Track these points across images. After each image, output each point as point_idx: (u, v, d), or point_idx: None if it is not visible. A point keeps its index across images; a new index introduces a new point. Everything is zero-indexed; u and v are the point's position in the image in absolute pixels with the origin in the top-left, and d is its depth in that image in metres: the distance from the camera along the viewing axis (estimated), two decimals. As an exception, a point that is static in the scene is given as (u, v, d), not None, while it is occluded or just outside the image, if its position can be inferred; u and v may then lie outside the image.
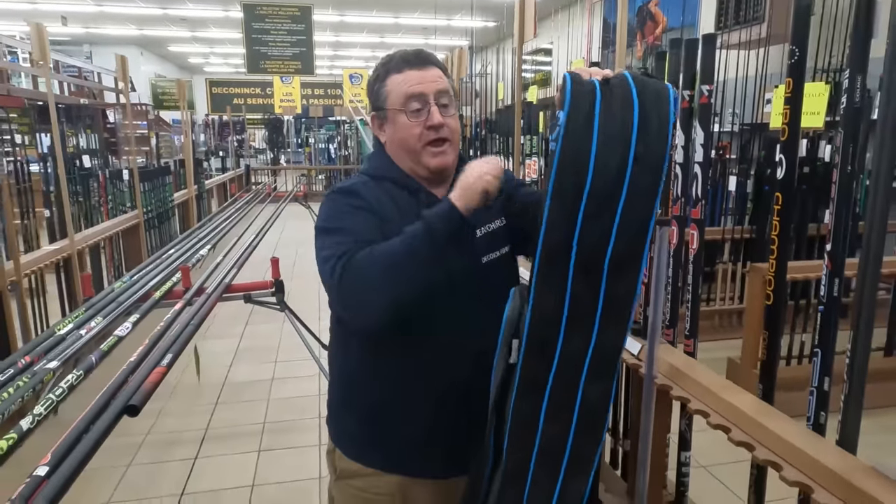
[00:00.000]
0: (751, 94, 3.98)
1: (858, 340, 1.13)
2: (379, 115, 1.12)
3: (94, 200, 4.24)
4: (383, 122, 1.12)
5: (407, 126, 1.07)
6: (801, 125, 1.33)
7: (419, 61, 1.09)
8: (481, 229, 1.11)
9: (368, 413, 1.13)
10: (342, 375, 1.18)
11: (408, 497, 1.13)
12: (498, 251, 1.14)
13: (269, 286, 2.63)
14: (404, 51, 1.12)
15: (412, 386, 1.10)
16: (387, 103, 1.09)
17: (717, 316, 3.85)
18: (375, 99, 1.12)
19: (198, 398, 3.04)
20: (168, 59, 17.89)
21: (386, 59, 1.13)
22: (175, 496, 2.24)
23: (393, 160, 1.13)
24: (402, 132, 1.09)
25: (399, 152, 1.11)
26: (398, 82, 1.08)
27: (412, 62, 1.08)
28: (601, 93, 0.83)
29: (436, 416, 1.10)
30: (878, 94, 1.05)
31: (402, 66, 1.08)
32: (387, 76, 1.09)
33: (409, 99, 1.06)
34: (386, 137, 1.13)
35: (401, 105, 1.07)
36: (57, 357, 1.70)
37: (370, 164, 1.17)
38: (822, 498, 1.07)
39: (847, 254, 1.20)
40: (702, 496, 1.93)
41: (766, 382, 1.40)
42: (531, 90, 4.66)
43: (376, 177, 1.12)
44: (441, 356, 1.08)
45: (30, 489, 1.07)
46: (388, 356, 1.10)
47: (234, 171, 10.57)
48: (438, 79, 1.09)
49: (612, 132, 0.82)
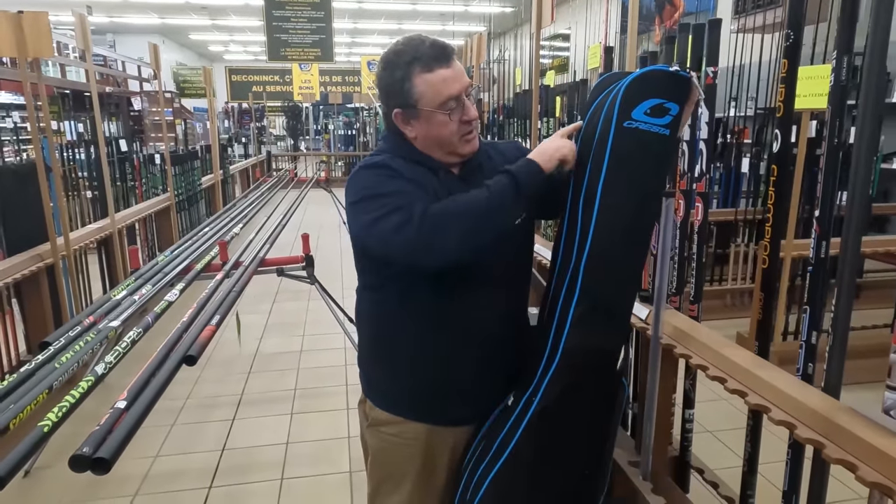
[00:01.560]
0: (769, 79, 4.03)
1: (841, 296, 1.25)
2: (407, 112, 1.11)
3: (129, 183, 4.46)
4: (411, 118, 1.12)
5: (444, 123, 1.10)
6: (800, 105, 1.45)
7: (446, 58, 1.08)
8: None
9: (397, 367, 1.23)
10: (372, 333, 1.28)
11: (433, 441, 1.25)
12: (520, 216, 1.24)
13: (300, 261, 2.80)
14: (425, 44, 1.09)
15: (440, 340, 1.19)
16: (420, 103, 1.08)
17: (728, 295, 3.96)
18: (401, 96, 1.09)
19: (232, 368, 3.24)
20: (188, 48, 18.17)
21: (402, 52, 1.09)
22: (217, 451, 2.44)
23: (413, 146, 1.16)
24: (439, 129, 1.11)
25: (432, 146, 1.14)
26: (432, 83, 1.07)
27: (440, 59, 1.07)
28: None
29: (462, 369, 1.21)
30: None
31: (432, 65, 1.07)
32: (413, 74, 1.07)
33: (447, 100, 1.08)
34: (415, 133, 1.13)
35: (439, 106, 1.08)
36: (118, 317, 1.89)
37: (387, 145, 1.19)
38: (804, 433, 1.21)
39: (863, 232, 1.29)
40: (706, 455, 2.07)
41: (761, 339, 1.54)
42: (549, 75, 4.76)
43: (396, 156, 1.15)
44: (470, 312, 1.18)
45: (113, 418, 1.24)
46: (419, 313, 1.17)
47: (256, 158, 10.79)
48: (462, 71, 1.12)
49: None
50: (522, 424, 1.17)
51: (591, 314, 1.13)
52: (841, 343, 1.26)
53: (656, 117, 1.06)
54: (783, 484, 1.45)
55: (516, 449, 1.17)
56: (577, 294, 1.12)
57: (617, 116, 1.06)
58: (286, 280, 3.27)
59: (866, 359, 2.34)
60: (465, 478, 1.26)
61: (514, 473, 1.18)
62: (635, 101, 1.07)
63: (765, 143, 4.00)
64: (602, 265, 1.12)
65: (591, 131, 1.14)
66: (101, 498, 2.14)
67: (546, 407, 1.15)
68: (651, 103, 1.06)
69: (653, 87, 1.06)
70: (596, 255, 1.10)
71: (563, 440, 1.22)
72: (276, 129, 15.99)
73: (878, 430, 1.10)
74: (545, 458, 1.21)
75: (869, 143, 1.15)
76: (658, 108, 1.06)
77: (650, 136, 1.08)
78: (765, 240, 1.49)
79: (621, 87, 1.09)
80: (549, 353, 1.17)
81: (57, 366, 1.53)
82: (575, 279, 1.13)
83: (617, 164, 1.08)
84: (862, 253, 3.36)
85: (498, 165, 1.17)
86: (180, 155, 5.27)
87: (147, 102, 8.92)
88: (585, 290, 1.12)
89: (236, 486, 2.21)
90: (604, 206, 1.09)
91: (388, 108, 1.14)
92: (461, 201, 1.04)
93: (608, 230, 1.10)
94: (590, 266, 1.11)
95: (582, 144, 1.16)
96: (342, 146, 12.53)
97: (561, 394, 1.16)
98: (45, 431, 1.18)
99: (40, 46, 2.60)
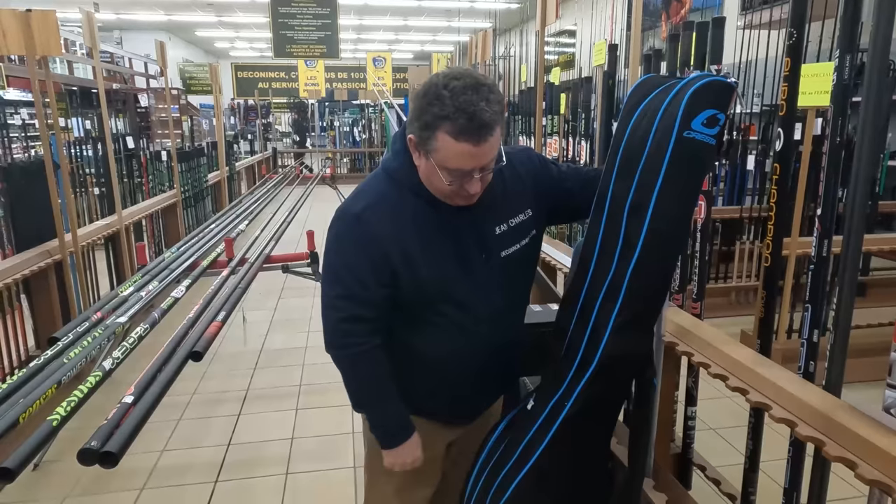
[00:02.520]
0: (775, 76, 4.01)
1: (843, 294, 1.25)
2: (420, 147, 1.06)
3: (136, 180, 4.49)
4: (421, 155, 1.07)
5: (441, 181, 1.05)
6: (804, 102, 1.45)
7: (477, 137, 1.00)
8: (500, 227, 1.17)
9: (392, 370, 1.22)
10: None
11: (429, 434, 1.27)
12: (518, 244, 1.19)
13: (304, 257, 2.82)
14: (466, 113, 0.98)
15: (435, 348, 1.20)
16: (432, 156, 1.03)
17: (733, 293, 3.95)
18: (421, 137, 1.04)
19: (237, 364, 3.27)
20: (195, 44, 18.22)
21: (445, 100, 0.99)
22: (223, 446, 2.46)
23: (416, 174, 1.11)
24: (436, 182, 1.07)
25: (426, 182, 1.10)
26: (450, 150, 1.01)
27: (472, 134, 0.99)
28: None
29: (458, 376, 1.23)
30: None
31: (460, 135, 0.99)
32: (439, 128, 1.00)
33: (456, 170, 1.03)
34: (419, 163, 1.09)
35: (443, 169, 1.04)
36: (124, 313, 1.91)
37: (395, 163, 1.14)
38: (804, 431, 1.21)
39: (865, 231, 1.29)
40: (708, 452, 2.08)
41: (763, 337, 1.54)
42: (554, 72, 4.75)
43: (398, 182, 1.13)
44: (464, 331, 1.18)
45: (120, 413, 1.26)
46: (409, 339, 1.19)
47: (261, 154, 10.83)
48: (490, 151, 1.03)
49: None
50: (553, 429, 1.17)
51: (633, 321, 1.13)
52: (842, 341, 1.27)
53: (709, 127, 1.05)
54: (784, 481, 1.46)
55: (544, 454, 1.17)
56: (620, 302, 1.11)
57: (679, 126, 1.05)
58: (291, 277, 3.29)
59: (871, 357, 2.34)
60: (483, 480, 1.26)
61: (540, 479, 1.18)
62: (696, 111, 1.05)
63: (770, 140, 3.99)
64: (648, 274, 1.11)
65: (640, 138, 1.11)
66: (109, 491, 2.16)
67: (579, 411, 1.15)
68: (709, 114, 1.05)
69: (712, 98, 1.05)
70: (643, 264, 1.09)
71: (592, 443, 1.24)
72: (282, 125, 16.03)
73: (879, 428, 1.11)
74: (578, 460, 1.22)
75: (871, 141, 1.15)
76: (712, 119, 1.05)
77: (702, 146, 1.07)
78: (767, 238, 1.49)
79: (685, 96, 1.06)
80: (581, 359, 1.16)
81: (65, 361, 1.55)
82: (617, 287, 1.12)
83: (674, 173, 1.07)
84: (868, 251, 3.35)
85: (510, 190, 1.17)
86: (187, 152, 5.30)
87: (154, 99, 8.96)
88: (630, 298, 1.11)
89: (242, 480, 2.23)
90: (656, 216, 1.08)
91: (409, 128, 1.08)
92: (367, 384, 1.19)
93: (658, 240, 1.09)
94: (636, 275, 1.10)
95: (627, 151, 1.13)
96: (347, 143, 12.55)
97: (595, 397, 1.16)
98: (54, 425, 1.20)
99: (49, 44, 2.62)
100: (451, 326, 1.17)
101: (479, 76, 1.05)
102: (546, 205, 1.25)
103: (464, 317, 1.17)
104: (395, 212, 1.10)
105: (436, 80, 1.03)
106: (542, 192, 1.23)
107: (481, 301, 1.18)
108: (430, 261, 1.11)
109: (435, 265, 1.12)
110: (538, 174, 1.24)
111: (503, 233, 1.18)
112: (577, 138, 3.31)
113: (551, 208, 1.26)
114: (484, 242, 1.16)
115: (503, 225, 1.18)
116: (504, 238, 1.18)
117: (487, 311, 1.19)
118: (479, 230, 1.15)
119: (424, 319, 1.17)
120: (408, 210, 1.11)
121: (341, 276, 1.13)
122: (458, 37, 14.01)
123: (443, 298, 1.14)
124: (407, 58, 19.93)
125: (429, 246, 1.11)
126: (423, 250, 1.10)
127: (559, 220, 1.44)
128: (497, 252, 1.18)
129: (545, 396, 1.21)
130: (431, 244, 1.11)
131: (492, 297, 1.19)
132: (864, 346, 2.59)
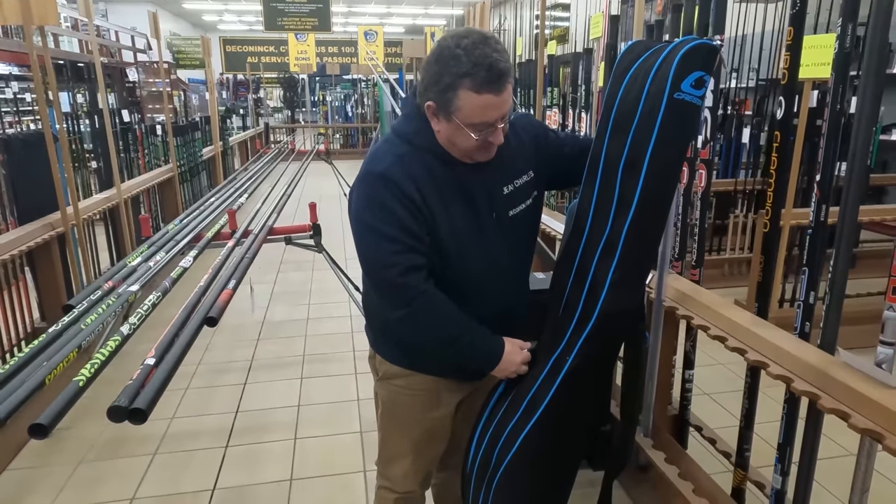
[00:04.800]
0: (771, 49, 4.03)
1: (839, 259, 1.30)
2: (440, 111, 1.10)
3: (131, 155, 4.46)
4: (442, 118, 1.11)
5: (468, 138, 1.10)
6: (804, 74, 1.49)
7: (498, 86, 1.06)
8: (507, 187, 1.22)
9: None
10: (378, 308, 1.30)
11: (441, 391, 1.33)
12: (523, 203, 1.25)
13: (307, 229, 2.85)
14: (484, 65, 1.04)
15: None
16: (455, 115, 1.08)
17: (726, 265, 4.03)
18: (442, 99, 1.08)
19: (241, 335, 3.31)
20: (182, 17, 17.85)
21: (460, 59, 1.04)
22: (231, 413, 2.52)
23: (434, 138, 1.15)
24: (462, 140, 1.11)
25: (448, 144, 1.14)
26: (474, 105, 1.06)
27: (493, 84, 1.05)
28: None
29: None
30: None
31: (483, 88, 1.05)
32: (460, 87, 1.05)
33: (481, 124, 1.08)
34: (440, 129, 1.13)
35: (471, 126, 1.08)
36: (136, 282, 1.94)
37: (409, 127, 1.17)
38: (800, 386, 1.28)
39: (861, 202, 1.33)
40: (704, 415, 2.16)
41: (761, 300, 1.60)
42: (550, 45, 4.74)
43: (415, 144, 1.15)
44: (472, 292, 1.23)
45: (144, 374, 1.30)
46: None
47: (254, 130, 10.74)
48: (508, 98, 1.09)
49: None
50: (556, 383, 1.22)
51: (629, 276, 1.18)
52: (837, 300, 1.32)
53: (697, 89, 1.10)
54: (778, 436, 1.53)
55: (550, 406, 1.22)
56: (617, 258, 1.16)
57: (669, 88, 1.09)
58: (290, 250, 3.31)
59: (862, 325, 2.40)
60: (489, 433, 1.31)
61: (546, 429, 1.24)
62: (685, 73, 1.09)
63: (766, 114, 4.03)
64: (642, 230, 1.16)
65: (632, 100, 1.15)
66: (123, 456, 2.22)
67: (580, 365, 1.21)
68: (696, 76, 1.09)
69: (699, 61, 1.10)
70: (638, 220, 1.14)
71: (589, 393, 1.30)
72: (273, 100, 15.84)
73: (870, 381, 1.17)
74: (575, 412, 1.28)
75: (871, 106, 1.19)
76: (699, 80, 1.09)
77: (691, 107, 1.11)
78: (767, 205, 1.54)
79: (674, 59, 1.10)
80: (580, 314, 1.21)
81: (83, 327, 1.59)
82: (613, 244, 1.16)
83: (666, 133, 1.11)
84: (859, 222, 3.42)
85: (514, 152, 1.22)
86: (181, 126, 5.26)
87: (144, 73, 8.81)
88: (625, 254, 1.16)
89: (252, 445, 2.29)
90: (650, 173, 1.12)
91: (423, 96, 1.12)
92: (449, 319, 1.16)
93: (653, 196, 1.14)
94: (632, 231, 1.14)
95: (620, 113, 1.18)
96: (340, 118, 12.45)
97: (595, 351, 1.21)
98: (80, 385, 1.24)
99: (45, 13, 2.59)
100: (462, 283, 1.21)
101: (482, 30, 1.10)
102: (546, 168, 1.29)
103: (475, 274, 1.21)
104: (415, 170, 1.13)
105: (446, 43, 1.07)
106: (542, 156, 1.28)
107: (493, 260, 1.22)
108: (449, 219, 1.15)
109: (453, 223, 1.16)
110: (538, 138, 1.29)
111: (510, 192, 1.23)
112: (577, 110, 3.33)
113: (551, 172, 1.31)
114: (494, 201, 1.20)
115: (510, 185, 1.23)
116: (512, 198, 1.23)
117: (497, 271, 1.24)
118: (489, 189, 1.20)
119: (437, 275, 1.19)
120: (425, 169, 1.14)
121: (385, 233, 1.11)
122: (452, 10, 13.82)
123: (458, 255, 1.18)
124: (398, 32, 19.66)
125: (447, 204, 1.15)
126: (444, 208, 1.14)
127: (557, 185, 1.48)
128: (506, 211, 1.23)
129: (546, 353, 1.26)
130: (450, 202, 1.15)
131: (501, 256, 1.24)
132: (855, 315, 2.66)
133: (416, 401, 1.33)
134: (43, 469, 2.14)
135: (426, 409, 1.34)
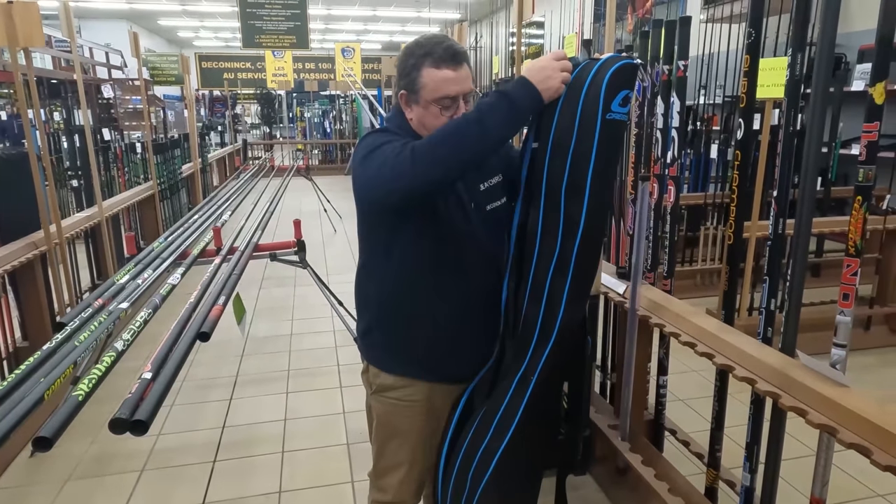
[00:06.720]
0: (737, 68, 4.22)
1: (795, 267, 1.41)
2: (410, 96, 1.26)
3: (111, 173, 4.46)
4: (412, 103, 1.26)
5: (436, 116, 1.23)
6: (761, 94, 1.60)
7: (455, 61, 1.21)
8: (483, 184, 1.32)
9: (401, 326, 1.34)
10: (377, 298, 1.37)
11: (435, 400, 1.38)
12: (498, 200, 1.35)
13: (291, 245, 2.90)
14: (441, 45, 1.22)
15: (441, 297, 1.30)
16: (421, 94, 1.23)
17: (698, 275, 4.17)
18: (409, 82, 1.24)
19: (225, 351, 3.33)
20: (157, 34, 17.78)
21: (422, 44, 1.23)
22: (218, 428, 2.54)
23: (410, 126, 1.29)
24: (429, 119, 1.24)
25: (421, 129, 1.27)
26: (436, 79, 1.21)
27: (449, 61, 1.21)
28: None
29: (459, 324, 1.34)
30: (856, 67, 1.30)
31: (441, 63, 1.21)
32: (423, 66, 1.21)
33: (444, 97, 1.22)
34: (412, 115, 1.28)
35: (434, 100, 1.22)
36: (126, 299, 1.97)
37: (393, 123, 1.31)
38: (763, 387, 1.38)
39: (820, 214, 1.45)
40: (678, 420, 2.26)
41: (727, 308, 1.71)
42: (525, 63, 4.89)
43: (400, 135, 1.25)
44: (465, 274, 1.31)
45: (142, 387, 1.35)
46: (423, 273, 1.30)
47: (232, 146, 10.73)
48: (467, 77, 1.24)
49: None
50: (524, 401, 1.28)
51: (581, 289, 1.26)
52: (796, 306, 1.43)
53: (623, 106, 1.16)
54: (746, 436, 1.63)
55: (520, 424, 1.28)
56: (571, 276, 1.22)
57: (602, 110, 1.15)
58: (271, 267, 3.36)
59: (824, 331, 2.54)
60: (462, 455, 1.36)
61: (518, 448, 1.30)
62: (613, 94, 1.15)
63: (732, 129, 4.20)
64: (590, 246, 1.23)
65: (568, 123, 1.19)
66: (110, 473, 2.23)
67: (546, 377, 1.28)
68: (623, 94, 1.16)
69: (625, 79, 1.16)
70: (587, 238, 1.21)
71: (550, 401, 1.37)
72: (251, 117, 15.82)
73: (825, 381, 1.28)
74: (541, 422, 1.35)
75: (819, 126, 1.30)
76: (626, 98, 1.16)
77: (621, 124, 1.19)
78: (731, 218, 1.65)
79: (604, 80, 1.15)
80: (540, 332, 1.27)
81: (76, 343, 1.62)
82: (566, 262, 1.23)
83: (603, 153, 1.17)
84: (821, 233, 3.59)
85: None
86: (161, 143, 5.27)
87: (120, 90, 8.77)
88: (577, 271, 1.23)
89: (240, 459, 2.32)
90: (593, 193, 1.18)
91: (398, 88, 1.28)
92: (451, 123, 1.14)
93: (597, 214, 1.21)
94: (582, 250, 1.21)
95: (559, 130, 1.21)
96: (319, 134, 12.49)
97: (557, 363, 1.29)
98: (80, 399, 1.28)
99: (31, 35, 2.63)
100: (453, 270, 1.30)
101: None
102: (509, 175, 1.37)
103: (463, 261, 1.30)
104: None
105: (409, 43, 1.27)
106: (507, 163, 1.37)
107: (478, 248, 1.31)
108: (443, 202, 1.24)
109: (446, 206, 1.25)
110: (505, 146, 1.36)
111: (486, 189, 1.32)
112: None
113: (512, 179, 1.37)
114: (473, 194, 1.30)
115: (485, 183, 1.32)
116: (489, 194, 1.33)
117: (483, 260, 1.33)
118: (467, 183, 1.29)
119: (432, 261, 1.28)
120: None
121: (384, 141, 1.18)
122: (429, 27, 14.02)
123: (451, 241, 1.27)
124: (376, 48, 19.84)
125: None
126: None
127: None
128: (484, 205, 1.32)
129: (508, 373, 1.32)
130: None
131: (484, 246, 1.32)
132: (818, 322, 2.81)
133: (411, 411, 1.38)
134: (30, 487, 2.15)
135: (421, 418, 1.38)
